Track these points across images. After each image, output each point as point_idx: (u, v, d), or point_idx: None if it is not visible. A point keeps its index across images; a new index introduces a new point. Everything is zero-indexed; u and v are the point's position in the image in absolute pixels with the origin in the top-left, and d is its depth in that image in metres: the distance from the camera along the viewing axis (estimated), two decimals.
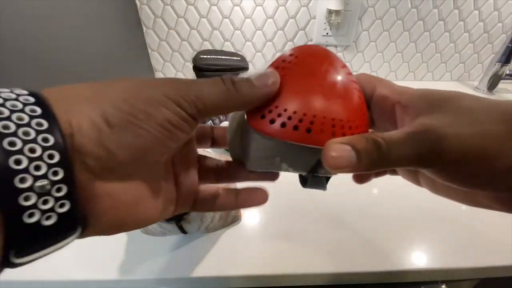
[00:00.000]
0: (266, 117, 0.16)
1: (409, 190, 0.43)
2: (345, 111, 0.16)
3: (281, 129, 0.15)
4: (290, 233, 0.36)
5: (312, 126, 0.15)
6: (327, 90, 0.16)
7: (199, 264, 0.32)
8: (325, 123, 0.15)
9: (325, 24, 0.75)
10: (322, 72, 0.17)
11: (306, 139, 0.15)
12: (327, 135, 0.15)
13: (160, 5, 0.70)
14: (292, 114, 0.15)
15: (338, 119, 0.16)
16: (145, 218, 0.15)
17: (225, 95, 0.14)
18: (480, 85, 0.80)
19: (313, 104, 0.16)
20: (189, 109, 0.13)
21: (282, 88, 0.16)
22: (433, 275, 0.33)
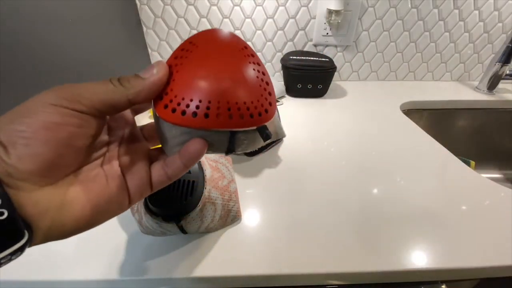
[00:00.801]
0: (168, 106, 0.17)
1: (409, 190, 0.43)
2: (241, 94, 0.17)
3: (182, 117, 0.16)
4: (290, 233, 0.36)
5: (209, 112, 0.16)
6: (221, 74, 0.17)
7: (199, 264, 0.32)
8: (220, 107, 0.16)
9: (325, 24, 0.75)
10: (216, 57, 0.17)
11: (205, 124, 0.16)
12: (224, 118, 0.16)
13: (160, 5, 0.70)
14: (189, 102, 0.16)
15: (233, 102, 0.17)
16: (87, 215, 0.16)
17: (113, 91, 0.16)
18: (480, 85, 0.80)
19: (208, 90, 0.16)
20: (73, 105, 0.15)
21: (180, 77, 0.17)
22: (433, 275, 0.33)
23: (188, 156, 0.18)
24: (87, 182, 0.17)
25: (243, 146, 0.19)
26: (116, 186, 0.18)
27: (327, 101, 0.74)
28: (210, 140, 0.18)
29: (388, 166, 0.49)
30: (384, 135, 0.58)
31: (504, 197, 0.42)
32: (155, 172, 0.20)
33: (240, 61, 0.18)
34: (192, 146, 0.18)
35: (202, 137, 0.18)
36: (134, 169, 0.19)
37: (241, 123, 0.17)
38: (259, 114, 0.18)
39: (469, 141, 0.82)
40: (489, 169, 0.86)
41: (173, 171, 0.19)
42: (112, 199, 0.18)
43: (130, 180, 0.19)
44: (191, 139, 0.18)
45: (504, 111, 0.78)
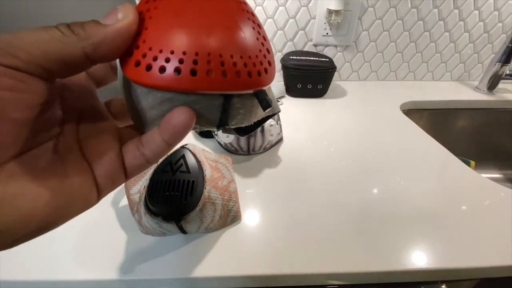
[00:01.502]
0: (141, 63, 0.13)
1: (409, 190, 0.43)
2: (236, 46, 0.13)
3: (160, 75, 0.12)
4: (290, 233, 0.36)
5: (196, 67, 0.12)
6: (211, 21, 0.13)
7: (199, 264, 0.32)
8: (211, 61, 0.13)
9: (325, 24, 0.75)
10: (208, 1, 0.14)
11: (193, 84, 0.13)
12: (216, 75, 0.13)
13: None
14: (169, 55, 0.12)
15: (227, 55, 0.13)
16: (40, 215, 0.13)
17: (61, 40, 0.12)
18: (480, 85, 0.80)
19: (194, 40, 0.13)
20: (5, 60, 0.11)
21: (155, 25, 0.13)
22: (433, 275, 0.33)
23: (171, 130, 0.14)
24: (36, 172, 0.13)
25: (238, 118, 0.16)
26: (77, 175, 0.14)
27: (327, 101, 0.74)
28: (198, 109, 0.14)
29: (388, 166, 0.49)
30: (384, 135, 0.58)
31: (504, 197, 0.42)
32: (128, 154, 0.15)
33: (234, 7, 0.14)
34: (176, 116, 0.13)
35: (187, 105, 0.14)
36: (100, 152, 0.15)
37: (238, 83, 0.13)
38: (258, 73, 0.14)
39: (469, 141, 0.82)
40: (489, 169, 0.86)
41: (152, 151, 0.15)
42: (73, 193, 0.14)
43: (96, 166, 0.15)
44: (173, 107, 0.14)
45: (504, 111, 0.78)
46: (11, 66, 0.11)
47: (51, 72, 0.12)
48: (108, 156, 0.15)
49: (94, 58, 0.13)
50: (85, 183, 0.14)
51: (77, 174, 0.14)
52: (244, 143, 0.49)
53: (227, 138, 0.49)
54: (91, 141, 0.15)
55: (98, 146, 0.15)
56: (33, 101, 0.12)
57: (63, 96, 0.15)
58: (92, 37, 0.12)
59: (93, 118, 0.16)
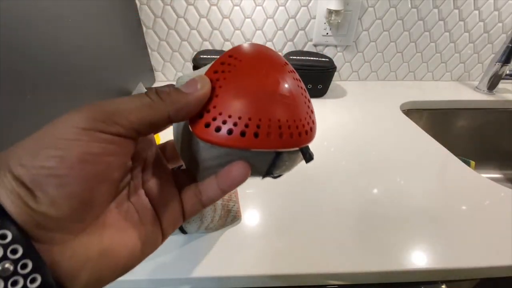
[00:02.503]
0: (211, 125, 0.15)
1: (409, 190, 0.43)
2: (290, 111, 0.16)
3: (228, 136, 0.15)
4: (290, 233, 0.36)
5: (259, 131, 0.15)
6: (270, 91, 0.16)
7: (199, 264, 0.32)
8: (271, 125, 0.15)
9: (325, 24, 0.75)
10: (264, 72, 0.16)
11: (254, 144, 0.15)
12: (274, 137, 0.15)
13: (160, 5, 0.70)
14: (237, 120, 0.15)
15: (284, 120, 0.15)
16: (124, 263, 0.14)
17: (150, 106, 0.13)
18: (480, 85, 0.80)
19: (257, 108, 0.15)
20: (109, 128, 0.12)
21: (224, 93, 0.15)
22: (433, 275, 0.33)
23: (229, 181, 0.16)
24: (120, 222, 0.14)
25: (282, 168, 0.18)
26: (149, 222, 0.15)
27: (327, 101, 0.74)
28: (252, 162, 0.16)
29: (388, 166, 0.49)
30: (384, 135, 0.58)
31: (504, 197, 0.42)
32: (187, 200, 0.17)
33: (286, 77, 0.17)
34: (235, 169, 0.15)
35: (244, 159, 0.16)
36: (165, 199, 0.17)
37: (290, 142, 0.16)
38: (306, 133, 0.17)
39: (469, 141, 0.82)
40: (489, 169, 0.86)
41: (209, 198, 0.17)
42: (148, 240, 0.15)
43: (162, 212, 0.16)
44: (230, 161, 0.16)
45: (504, 111, 0.78)
46: (113, 133, 0.12)
47: (142, 133, 0.14)
48: (172, 206, 0.17)
49: (174, 120, 0.14)
50: (155, 230, 0.16)
51: (150, 222, 0.16)
52: None
53: None
54: (155, 187, 0.17)
55: (161, 192, 0.17)
56: (126, 160, 0.14)
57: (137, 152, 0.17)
58: (176, 103, 0.14)
59: (153, 164, 0.18)
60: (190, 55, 0.78)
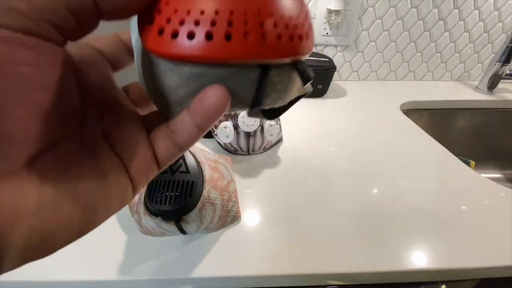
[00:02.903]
0: (165, 30, 0.11)
1: (409, 190, 0.43)
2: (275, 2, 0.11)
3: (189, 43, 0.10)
4: (290, 233, 0.36)
5: (232, 30, 0.10)
6: None
7: (199, 264, 0.32)
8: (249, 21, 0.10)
9: (325, 24, 0.75)
10: None
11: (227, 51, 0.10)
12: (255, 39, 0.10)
13: None
14: (199, 17, 0.10)
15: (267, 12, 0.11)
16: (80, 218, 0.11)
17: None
18: (480, 85, 0.80)
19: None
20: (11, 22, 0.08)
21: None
22: (433, 275, 0.33)
23: (203, 112, 0.12)
24: (72, 170, 0.11)
25: (274, 95, 0.13)
26: (112, 171, 0.12)
27: (327, 101, 0.74)
28: (230, 86, 0.12)
29: (388, 166, 0.49)
30: (384, 135, 0.58)
31: (504, 197, 0.42)
32: (159, 144, 0.14)
33: None
34: (209, 95, 0.11)
35: (219, 82, 0.11)
36: (130, 144, 0.13)
37: (279, 48, 0.11)
38: (299, 38, 0.12)
39: (469, 141, 0.82)
40: (489, 169, 0.86)
41: (184, 139, 0.13)
42: (110, 191, 0.12)
43: (129, 160, 0.13)
44: (202, 86, 0.12)
45: (504, 111, 0.78)
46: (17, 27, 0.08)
47: (60, 30, 0.09)
48: (139, 148, 0.13)
49: (103, 8, 0.10)
50: (121, 179, 0.13)
51: (112, 169, 0.12)
52: (243, 143, 0.49)
53: (226, 138, 0.49)
54: (117, 133, 0.13)
55: (126, 137, 0.14)
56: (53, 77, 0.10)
57: (79, 81, 0.12)
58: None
59: (114, 107, 0.14)
60: None
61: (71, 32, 0.10)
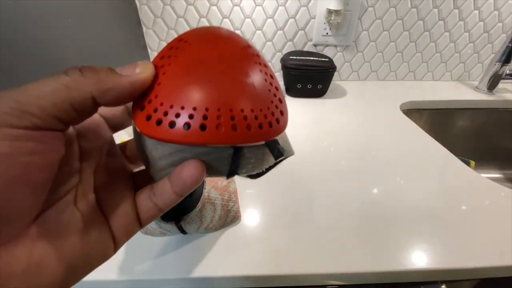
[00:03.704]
0: (152, 117, 0.13)
1: (409, 190, 0.43)
2: (247, 99, 0.13)
3: (170, 130, 0.13)
4: (290, 233, 0.36)
5: (206, 122, 0.13)
6: (221, 76, 0.13)
7: (199, 264, 0.32)
8: (222, 116, 0.13)
9: (325, 24, 0.75)
10: (216, 55, 0.14)
11: (202, 138, 0.13)
12: (226, 130, 0.13)
13: (160, 5, 0.70)
14: (180, 111, 0.13)
15: (238, 109, 0.13)
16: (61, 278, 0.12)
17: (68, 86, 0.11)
18: (480, 85, 0.80)
19: (204, 95, 0.13)
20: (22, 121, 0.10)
21: (168, 81, 0.13)
22: (433, 275, 0.33)
23: (181, 184, 0.14)
24: (59, 232, 0.12)
25: (248, 167, 0.15)
26: (96, 230, 0.13)
27: (327, 101, 0.74)
28: (207, 160, 0.14)
29: (388, 166, 0.49)
30: (384, 135, 0.58)
31: (504, 197, 0.42)
32: (142, 205, 0.15)
33: (244, 60, 0.15)
34: (186, 170, 0.13)
35: (197, 157, 0.14)
36: (116, 204, 0.15)
37: (248, 136, 0.13)
38: (269, 125, 0.14)
39: (469, 141, 0.82)
40: (489, 169, 0.86)
41: (164, 202, 0.15)
42: (93, 250, 0.13)
43: (113, 220, 0.14)
44: (183, 158, 0.14)
45: (504, 111, 0.78)
46: (27, 127, 0.10)
47: (64, 121, 0.12)
48: (123, 209, 0.15)
49: (101, 102, 0.12)
50: (103, 238, 0.14)
51: (96, 229, 0.14)
52: None
53: None
54: (107, 191, 0.15)
55: (114, 197, 0.15)
56: (53, 159, 0.12)
57: (81, 147, 0.15)
58: (103, 83, 0.12)
59: (109, 165, 0.16)
60: None
61: (73, 121, 0.12)
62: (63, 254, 0.12)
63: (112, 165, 0.16)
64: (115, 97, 0.13)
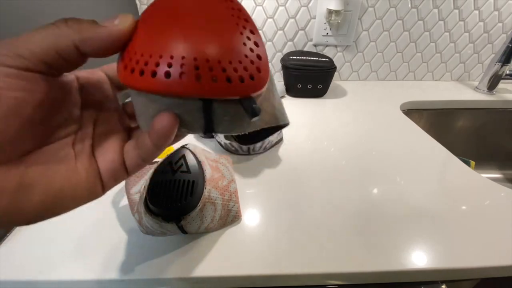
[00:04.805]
0: (127, 66, 0.14)
1: (409, 190, 0.43)
2: (215, 47, 0.13)
3: (140, 77, 0.13)
4: (290, 233, 0.36)
5: (171, 70, 0.13)
6: (192, 22, 0.13)
7: (199, 264, 0.32)
8: (186, 64, 0.13)
9: (325, 24, 0.75)
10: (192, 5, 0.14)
11: (166, 86, 0.13)
12: (189, 79, 0.13)
13: None
14: (148, 59, 0.13)
15: (203, 58, 0.13)
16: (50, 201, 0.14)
17: (54, 33, 0.13)
18: (480, 85, 0.80)
19: (170, 41, 0.13)
20: (14, 61, 0.12)
21: (143, 31, 0.14)
22: (433, 275, 0.33)
23: (155, 134, 0.15)
24: (52, 164, 0.14)
25: (224, 124, 0.15)
26: (85, 169, 0.16)
27: (327, 101, 0.74)
28: (180, 113, 0.14)
29: (388, 166, 0.49)
30: (384, 135, 0.58)
31: (504, 197, 0.42)
32: (128, 154, 0.17)
33: (218, 11, 0.14)
34: (158, 121, 0.14)
35: (170, 108, 0.14)
36: (105, 149, 0.17)
37: (214, 88, 0.13)
38: (240, 80, 0.14)
39: (469, 141, 0.82)
40: (489, 169, 0.86)
41: (145, 153, 0.16)
42: (80, 184, 0.15)
43: (101, 162, 0.16)
44: (158, 111, 0.14)
45: (504, 111, 0.78)
46: (19, 67, 0.12)
47: (52, 66, 0.13)
48: (111, 154, 0.17)
49: (83, 51, 0.14)
50: (92, 177, 0.16)
51: (85, 168, 0.16)
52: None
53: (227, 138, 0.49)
54: (102, 139, 0.17)
55: (106, 144, 0.17)
56: (44, 99, 0.13)
57: (85, 100, 0.17)
58: (84, 31, 0.13)
59: (109, 118, 0.18)
60: None
61: (63, 67, 0.14)
62: (53, 182, 0.14)
63: (110, 118, 0.18)
64: (96, 46, 0.14)
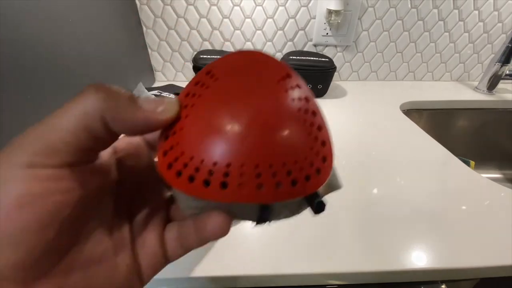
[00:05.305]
0: (173, 166, 0.12)
1: (409, 190, 0.43)
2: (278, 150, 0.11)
3: (189, 184, 0.11)
4: (290, 233, 0.36)
5: (228, 180, 0.11)
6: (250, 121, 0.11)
7: (199, 264, 0.32)
8: (244, 173, 0.11)
9: (325, 24, 0.75)
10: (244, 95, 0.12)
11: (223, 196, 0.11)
12: (250, 189, 0.11)
13: (160, 5, 0.70)
14: (199, 164, 0.11)
15: (266, 165, 0.11)
16: None
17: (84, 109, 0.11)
18: (480, 85, 0.80)
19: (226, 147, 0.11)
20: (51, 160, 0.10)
21: (189, 126, 0.12)
22: (433, 275, 0.33)
23: (205, 233, 0.13)
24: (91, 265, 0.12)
25: (282, 216, 0.14)
26: (126, 265, 0.13)
27: (327, 101, 0.74)
28: (235, 211, 0.13)
29: (388, 166, 0.49)
30: (384, 135, 0.58)
31: (504, 197, 0.42)
32: (170, 243, 0.15)
33: (278, 101, 0.12)
34: (210, 222, 0.13)
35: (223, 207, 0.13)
36: (145, 238, 0.14)
37: (278, 194, 0.11)
38: (306, 178, 0.12)
39: (469, 141, 0.82)
40: (489, 169, 0.86)
41: (190, 246, 0.15)
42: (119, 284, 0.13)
43: (142, 256, 0.14)
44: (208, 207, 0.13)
45: (504, 111, 0.78)
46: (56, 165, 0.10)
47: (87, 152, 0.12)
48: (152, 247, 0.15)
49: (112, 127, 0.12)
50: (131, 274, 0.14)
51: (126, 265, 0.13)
52: None
53: None
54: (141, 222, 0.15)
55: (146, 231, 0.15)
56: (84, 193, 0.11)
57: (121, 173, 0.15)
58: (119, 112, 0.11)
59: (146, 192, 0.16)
60: (190, 55, 0.78)
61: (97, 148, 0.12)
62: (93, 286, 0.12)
63: (148, 192, 0.16)
64: (128, 128, 0.12)
